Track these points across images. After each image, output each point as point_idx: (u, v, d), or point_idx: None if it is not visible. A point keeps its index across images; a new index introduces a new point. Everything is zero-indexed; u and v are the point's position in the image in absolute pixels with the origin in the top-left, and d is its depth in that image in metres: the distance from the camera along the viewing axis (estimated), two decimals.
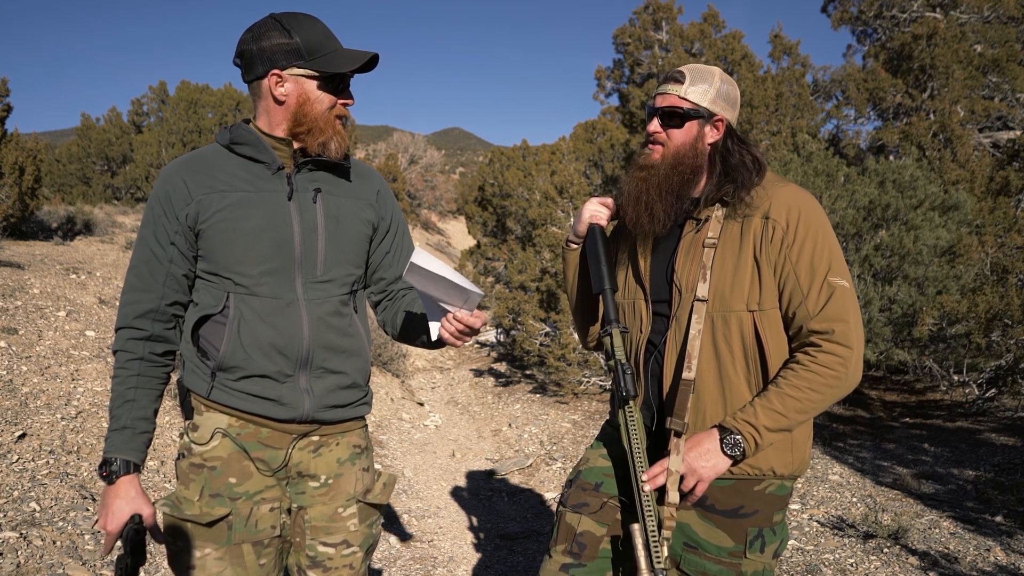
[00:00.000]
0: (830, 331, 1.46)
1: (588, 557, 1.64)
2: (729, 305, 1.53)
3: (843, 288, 1.48)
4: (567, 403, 6.93)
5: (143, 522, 1.46)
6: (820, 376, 1.47)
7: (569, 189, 8.78)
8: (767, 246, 1.52)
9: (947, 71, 8.74)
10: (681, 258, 1.61)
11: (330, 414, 1.58)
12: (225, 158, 1.54)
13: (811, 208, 1.54)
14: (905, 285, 5.33)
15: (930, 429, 5.73)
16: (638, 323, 1.68)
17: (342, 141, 1.54)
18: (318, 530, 1.59)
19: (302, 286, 1.53)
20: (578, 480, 1.74)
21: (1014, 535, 3.56)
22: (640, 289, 1.69)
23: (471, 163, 45.39)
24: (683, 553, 1.60)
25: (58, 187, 16.42)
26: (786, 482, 1.60)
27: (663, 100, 1.62)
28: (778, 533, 1.60)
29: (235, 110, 15.70)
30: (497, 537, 3.93)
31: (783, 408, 1.47)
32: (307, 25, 1.51)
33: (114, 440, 1.48)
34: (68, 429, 3.92)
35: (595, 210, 1.76)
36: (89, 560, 2.87)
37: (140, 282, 1.53)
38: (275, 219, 1.50)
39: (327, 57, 1.50)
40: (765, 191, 1.57)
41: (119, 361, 1.53)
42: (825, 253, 1.50)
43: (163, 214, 1.51)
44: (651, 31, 12.25)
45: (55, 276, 6.77)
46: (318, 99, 1.50)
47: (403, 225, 1.75)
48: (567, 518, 1.69)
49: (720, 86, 1.62)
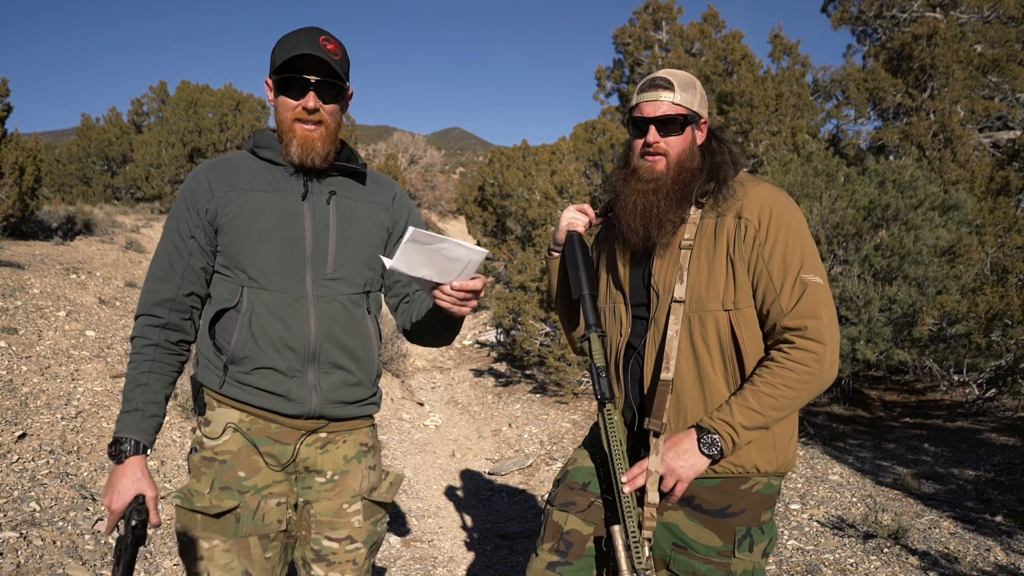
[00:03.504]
0: (803, 327, 1.47)
1: (575, 555, 1.64)
2: (705, 305, 1.54)
3: (816, 284, 1.49)
4: (567, 403, 6.93)
5: (146, 503, 1.49)
6: (795, 373, 1.47)
7: (569, 189, 8.78)
8: (740, 244, 1.53)
9: (947, 71, 8.74)
10: (658, 261, 1.62)
11: (337, 410, 1.61)
12: (250, 162, 1.62)
13: (784, 206, 1.55)
14: (905, 285, 5.33)
15: (930, 429, 5.73)
16: (618, 326, 1.69)
17: (304, 145, 1.53)
18: (323, 525, 1.63)
19: (312, 282, 1.57)
20: (566, 479, 1.75)
21: (1014, 535, 3.56)
22: (620, 293, 1.71)
23: (471, 163, 45.38)
24: (672, 553, 1.60)
25: (58, 187, 16.42)
26: (772, 480, 1.61)
27: (655, 108, 1.60)
28: (767, 532, 1.60)
29: (235, 110, 15.71)
30: (497, 537, 3.93)
31: (759, 406, 1.48)
32: (289, 37, 1.54)
33: (125, 421, 1.53)
34: (68, 429, 3.92)
35: (573, 217, 1.77)
36: (89, 560, 2.87)
37: (161, 272, 1.60)
38: (288, 217, 1.56)
39: (285, 61, 1.51)
40: (739, 191, 1.58)
41: (135, 346, 1.59)
42: (797, 250, 1.51)
43: (186, 209, 1.58)
44: (651, 31, 12.25)
45: (55, 276, 6.77)
46: (281, 104, 1.54)
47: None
48: (554, 516, 1.70)
49: (699, 89, 1.64)
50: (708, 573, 1.57)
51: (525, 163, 10.93)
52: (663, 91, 1.60)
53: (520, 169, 10.81)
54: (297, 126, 1.53)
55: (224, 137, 15.50)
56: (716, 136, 1.68)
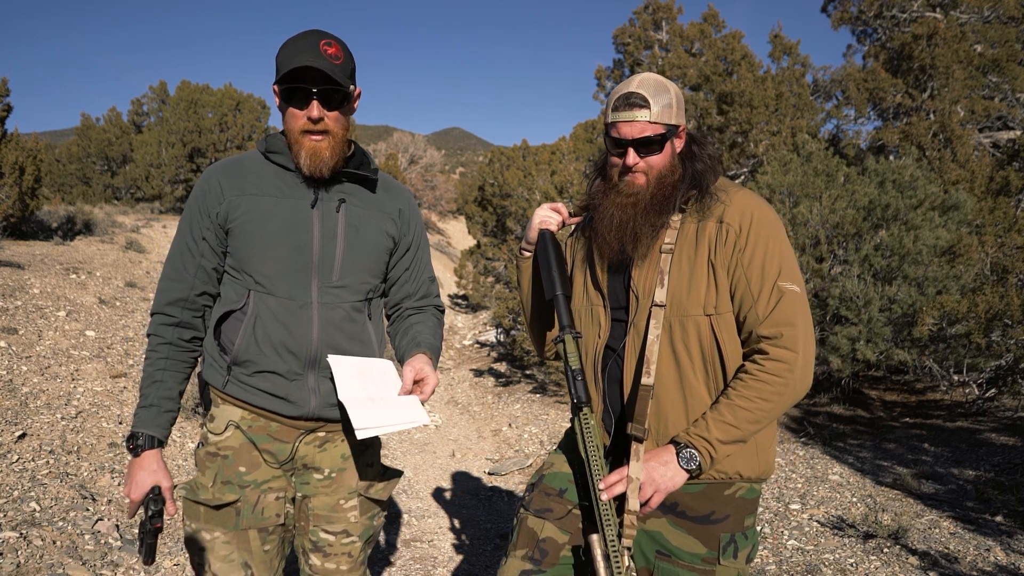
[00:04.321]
0: (778, 335, 1.47)
1: (549, 564, 1.61)
2: (686, 310, 1.53)
3: (793, 292, 1.49)
4: (567, 403, 6.93)
5: (162, 493, 1.57)
6: (769, 385, 1.47)
7: (569, 189, 8.77)
8: (721, 249, 1.52)
9: (947, 71, 8.74)
10: (638, 266, 1.60)
11: (335, 412, 1.65)
12: (261, 165, 1.64)
13: (764, 214, 1.54)
14: (905, 285, 5.33)
15: (930, 429, 5.73)
16: (596, 329, 1.67)
17: (313, 156, 1.56)
18: (320, 518, 1.69)
19: (317, 290, 1.61)
20: (541, 484, 1.72)
21: (1014, 535, 3.56)
22: (599, 295, 1.68)
23: (471, 163, 45.37)
24: (656, 561, 1.58)
25: (58, 187, 16.42)
26: (755, 485, 1.61)
27: (632, 129, 1.55)
28: (750, 538, 1.60)
29: (235, 110, 15.71)
30: (497, 537, 3.93)
31: (735, 420, 1.48)
32: (291, 43, 1.54)
33: (141, 416, 1.60)
34: (68, 429, 3.92)
35: (545, 216, 1.74)
36: (89, 560, 2.87)
37: (174, 272, 1.64)
38: (297, 224, 1.59)
39: (287, 72, 1.52)
40: (721, 196, 1.57)
41: (151, 344, 1.65)
42: (776, 258, 1.50)
43: (198, 211, 1.62)
44: (651, 31, 12.26)
45: (55, 276, 6.77)
46: (290, 113, 1.56)
47: (424, 244, 1.82)
48: (529, 523, 1.67)
49: (675, 96, 1.57)
50: None
51: (525, 163, 10.93)
52: (639, 110, 1.53)
53: (520, 169, 10.82)
54: (305, 138, 1.56)
55: (224, 137, 15.49)
56: (696, 140, 1.65)
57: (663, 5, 12.19)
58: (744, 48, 10.99)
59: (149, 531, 1.53)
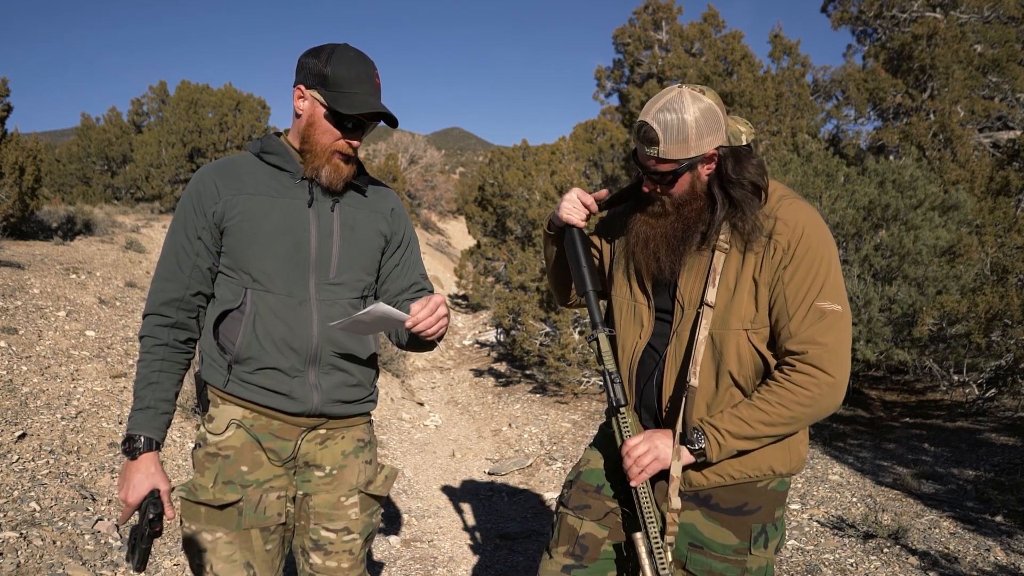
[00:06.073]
0: (804, 352, 1.47)
1: (590, 559, 1.66)
2: (728, 323, 1.54)
3: (832, 312, 1.48)
4: (567, 403, 6.93)
5: (160, 496, 1.56)
6: (791, 393, 1.48)
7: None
8: (768, 263, 1.52)
9: (947, 71, 8.74)
10: (685, 274, 1.60)
11: (337, 408, 1.68)
12: (255, 165, 1.66)
13: (814, 230, 1.51)
14: (905, 285, 5.33)
15: (930, 429, 5.73)
16: (638, 329, 1.67)
17: (334, 174, 1.61)
18: (321, 516, 1.71)
19: (315, 287, 1.63)
20: (579, 481, 1.75)
21: (1014, 535, 3.56)
22: (644, 295, 1.68)
23: (471, 163, 45.35)
24: (689, 553, 1.62)
25: (58, 187, 16.41)
26: (785, 478, 1.64)
27: (646, 160, 1.54)
28: (779, 528, 1.63)
29: (235, 110, 15.70)
30: (497, 537, 3.93)
31: (748, 416, 1.49)
32: (347, 61, 1.58)
33: (138, 419, 1.59)
34: (68, 429, 3.92)
35: (571, 208, 1.72)
36: (89, 560, 2.87)
37: (168, 272, 1.64)
38: (293, 223, 1.61)
39: (344, 96, 1.56)
40: (771, 210, 1.54)
41: (145, 346, 1.64)
42: (819, 278, 1.49)
43: (193, 211, 1.62)
44: (651, 31, 12.25)
45: (55, 276, 6.77)
46: (323, 128, 1.59)
47: (414, 242, 1.85)
48: (569, 520, 1.70)
49: (696, 126, 1.46)
50: (724, 571, 1.59)
51: (525, 163, 10.93)
52: (650, 145, 1.50)
53: (520, 169, 10.82)
54: (335, 157, 1.61)
55: (224, 137, 15.48)
56: (733, 157, 1.54)
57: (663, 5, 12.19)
58: (744, 48, 10.99)
59: (146, 536, 1.51)
